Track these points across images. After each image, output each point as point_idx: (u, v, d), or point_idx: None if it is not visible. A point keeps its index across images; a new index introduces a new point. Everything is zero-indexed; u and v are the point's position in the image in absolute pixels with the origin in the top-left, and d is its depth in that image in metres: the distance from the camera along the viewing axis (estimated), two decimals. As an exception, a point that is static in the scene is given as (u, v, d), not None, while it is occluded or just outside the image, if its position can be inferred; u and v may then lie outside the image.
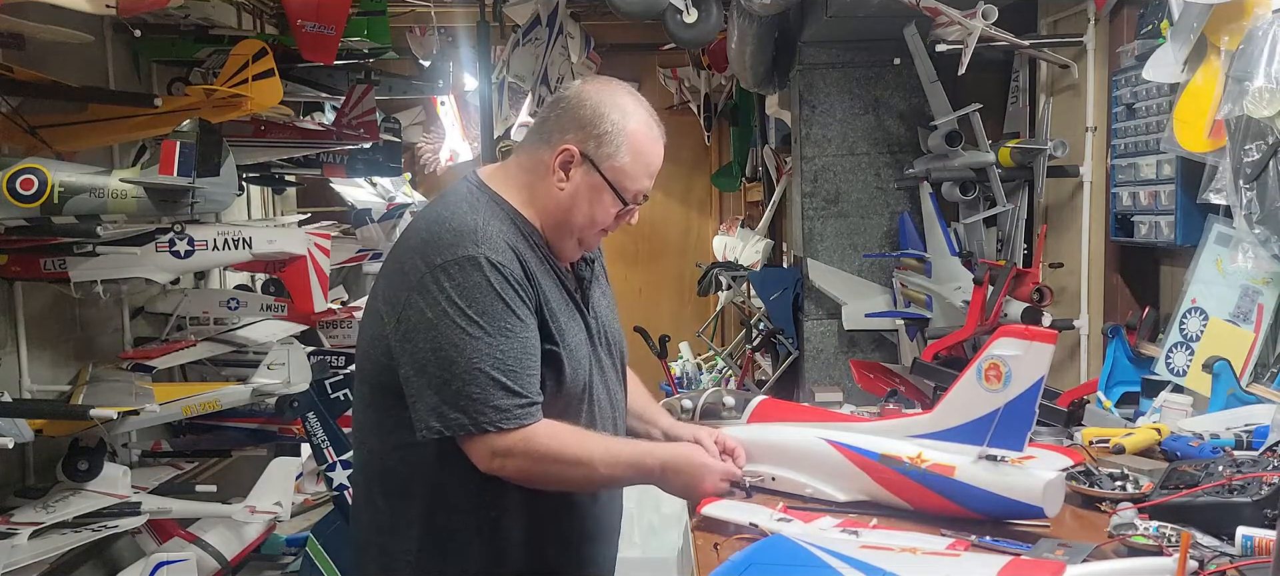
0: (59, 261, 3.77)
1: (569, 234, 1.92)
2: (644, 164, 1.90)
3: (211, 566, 4.04)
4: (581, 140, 1.86)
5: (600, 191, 1.88)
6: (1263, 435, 2.16)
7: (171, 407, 4.03)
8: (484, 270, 1.74)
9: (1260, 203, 2.42)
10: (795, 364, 5.06)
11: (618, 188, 1.88)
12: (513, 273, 1.77)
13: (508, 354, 1.73)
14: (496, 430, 1.72)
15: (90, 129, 3.83)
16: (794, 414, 2.27)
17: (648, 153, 1.91)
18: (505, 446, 1.73)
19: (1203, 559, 1.56)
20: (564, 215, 1.90)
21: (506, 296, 1.75)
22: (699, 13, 4.40)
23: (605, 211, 1.90)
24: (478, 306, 1.73)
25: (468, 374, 1.71)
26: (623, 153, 1.87)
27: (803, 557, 1.59)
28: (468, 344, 1.71)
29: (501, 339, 1.73)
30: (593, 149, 1.86)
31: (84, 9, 2.99)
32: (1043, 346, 1.78)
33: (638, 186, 1.91)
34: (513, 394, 1.73)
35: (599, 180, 1.87)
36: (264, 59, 3.88)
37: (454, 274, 1.74)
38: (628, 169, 1.88)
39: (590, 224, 1.90)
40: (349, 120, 5.05)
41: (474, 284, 1.73)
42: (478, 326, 1.72)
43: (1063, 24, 3.91)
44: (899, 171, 4.65)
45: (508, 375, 1.73)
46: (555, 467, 1.78)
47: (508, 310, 1.75)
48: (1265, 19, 2.43)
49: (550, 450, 1.77)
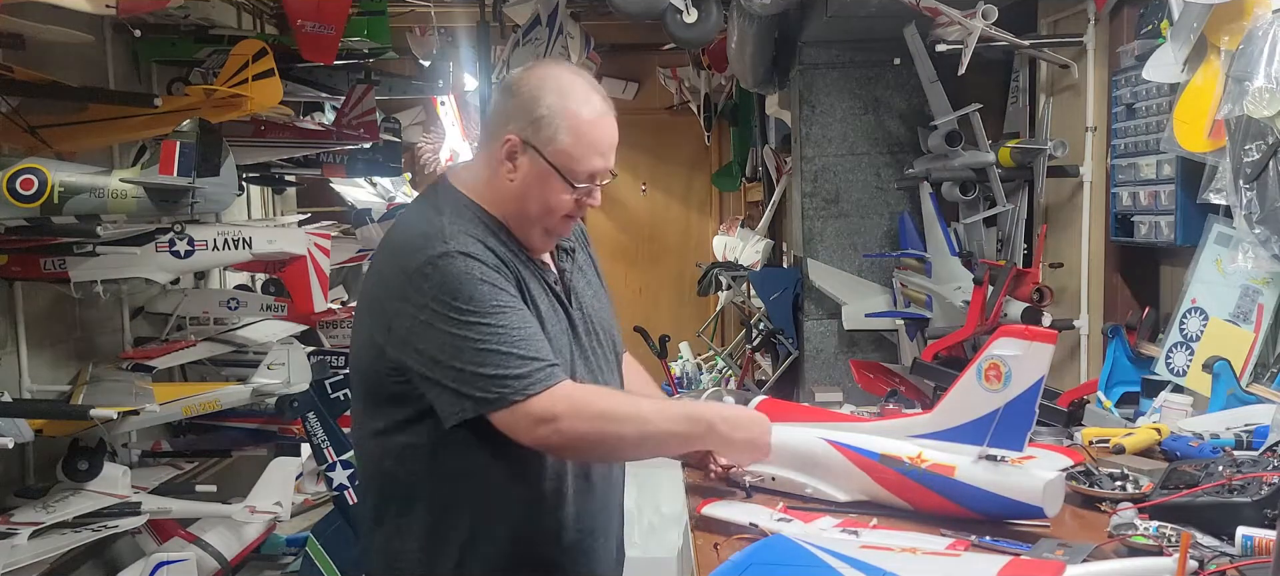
0: (59, 261, 3.77)
1: (530, 225, 1.87)
2: (588, 143, 1.82)
3: (211, 566, 4.03)
4: (521, 128, 1.81)
5: (547, 178, 1.82)
6: (1263, 435, 2.16)
7: (171, 407, 4.03)
8: (458, 263, 1.73)
9: (1260, 202, 2.42)
10: (795, 364, 5.06)
11: (564, 172, 1.82)
12: (486, 259, 1.77)
13: (510, 327, 1.72)
14: (525, 397, 1.70)
15: (90, 129, 3.83)
16: (794, 414, 2.26)
17: (590, 132, 1.83)
18: (542, 410, 1.70)
19: (1203, 559, 1.56)
20: (519, 206, 1.85)
21: (489, 279, 1.74)
22: (699, 13, 4.40)
23: (558, 198, 1.83)
24: (464, 296, 1.72)
25: (477, 357, 1.70)
26: (563, 134, 1.80)
27: (803, 557, 1.59)
28: (467, 331, 1.70)
29: (497, 316, 1.72)
30: (532, 135, 1.81)
31: (84, 9, 2.99)
32: (1043, 346, 1.78)
33: (586, 167, 1.83)
34: (529, 360, 1.71)
35: (544, 166, 1.81)
36: (264, 59, 3.88)
37: (431, 274, 1.73)
38: (571, 151, 1.81)
39: (547, 212, 1.85)
40: (349, 120, 5.05)
41: (454, 277, 1.73)
42: (471, 313, 1.71)
43: (1063, 24, 3.91)
44: (899, 171, 4.65)
45: (517, 345, 1.71)
46: (606, 425, 1.77)
47: (495, 290, 1.74)
48: (1265, 19, 2.43)
49: (595, 406, 1.76)
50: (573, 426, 1.72)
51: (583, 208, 1.88)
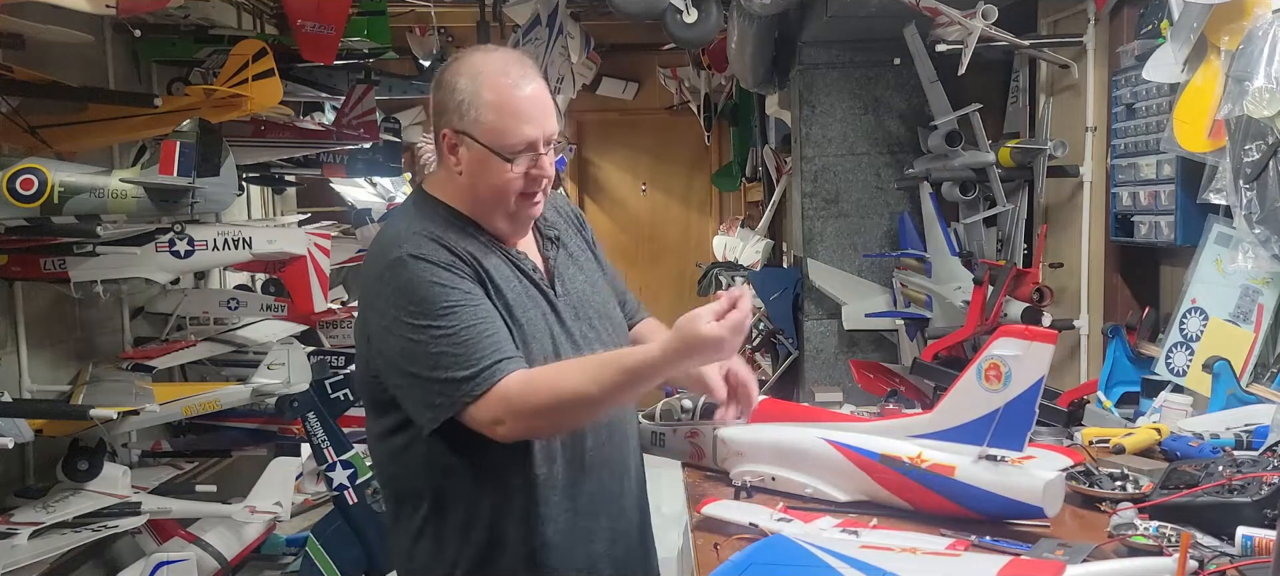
0: (59, 261, 3.77)
1: (491, 212, 1.89)
2: (511, 113, 1.81)
3: (211, 566, 4.03)
4: (450, 119, 1.84)
5: (485, 161, 1.84)
6: (1263, 435, 2.16)
7: (171, 407, 4.03)
8: (409, 267, 1.77)
9: (1260, 202, 2.42)
10: (795, 364, 5.06)
11: (496, 149, 1.82)
12: (438, 258, 1.79)
13: (458, 328, 1.74)
14: (473, 398, 1.72)
15: (90, 129, 3.83)
16: (794, 414, 2.27)
17: (511, 103, 1.82)
18: (487, 414, 1.72)
19: (1203, 559, 1.56)
20: (474, 196, 1.88)
21: (439, 279, 1.77)
22: (699, 13, 4.40)
23: (502, 177, 1.84)
24: (415, 299, 1.76)
25: (429, 360, 1.74)
26: (485, 113, 1.81)
27: (803, 558, 1.59)
28: (419, 336, 1.74)
29: (447, 318, 1.74)
30: (459, 123, 1.83)
31: (84, 9, 2.99)
32: (1043, 346, 1.78)
33: (516, 138, 1.82)
34: (474, 361, 1.72)
35: (479, 150, 1.83)
36: (264, 59, 3.87)
37: (389, 279, 1.79)
38: (496, 125, 1.81)
39: (498, 195, 1.86)
40: (349, 120, 5.05)
41: (406, 281, 1.77)
42: (421, 316, 1.75)
43: (1063, 24, 3.91)
44: (899, 171, 4.65)
45: (464, 346, 1.73)
46: (550, 415, 1.76)
47: (444, 291, 1.76)
48: (1265, 19, 2.43)
49: (534, 399, 1.73)
50: (517, 425, 1.74)
51: (535, 182, 1.86)
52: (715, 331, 1.65)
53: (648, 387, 1.77)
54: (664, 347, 1.69)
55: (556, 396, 1.73)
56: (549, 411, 1.74)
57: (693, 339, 1.66)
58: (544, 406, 1.73)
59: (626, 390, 1.75)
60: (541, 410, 1.73)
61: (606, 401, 1.75)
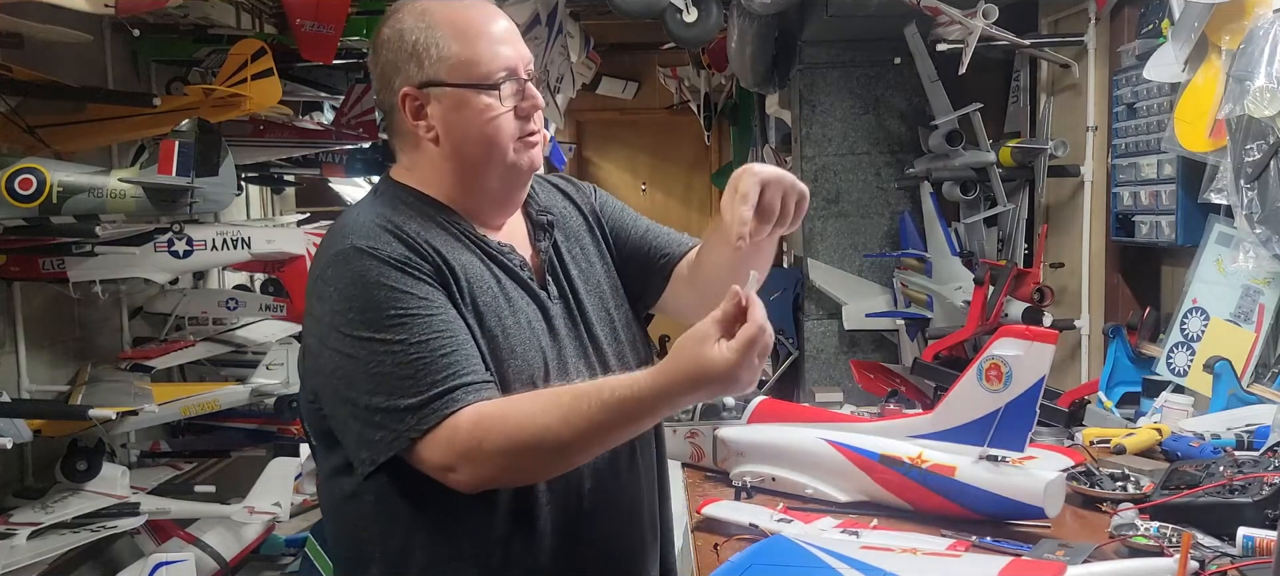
0: (58, 261, 3.76)
1: (484, 176, 1.54)
2: (478, 33, 1.50)
3: (210, 567, 4.02)
4: (407, 75, 1.51)
5: (466, 101, 1.49)
6: (1264, 435, 2.15)
7: (170, 408, 4.02)
8: (353, 262, 1.42)
9: (1261, 202, 2.41)
10: (795, 364, 5.06)
11: (474, 81, 1.49)
12: (390, 252, 1.43)
13: (404, 345, 1.38)
14: (419, 435, 1.36)
15: (89, 129, 3.82)
16: (794, 414, 2.26)
17: (473, 23, 1.51)
18: (438, 455, 1.36)
19: (1204, 559, 1.56)
20: (460, 161, 1.53)
21: (388, 280, 1.41)
22: (699, 12, 4.39)
23: (491, 116, 1.50)
24: (357, 304, 1.41)
25: (368, 383, 1.38)
26: (448, 44, 1.49)
27: (803, 558, 1.58)
28: (358, 350, 1.39)
29: (392, 331, 1.38)
30: (419, 72, 1.50)
31: (83, 8, 2.98)
32: (1043, 346, 1.78)
33: (493, 62, 1.50)
34: (418, 389, 1.36)
35: (454, 93, 1.49)
36: (263, 58, 3.87)
37: (330, 279, 1.44)
38: (465, 55, 1.49)
39: (491, 143, 1.51)
40: (348, 120, 5.04)
41: (348, 281, 1.42)
42: (364, 327, 1.39)
43: (1063, 23, 3.90)
44: (899, 171, 4.65)
45: (409, 367, 1.37)
46: (509, 464, 1.37)
47: (393, 295, 1.40)
48: (1266, 19, 2.43)
49: (487, 442, 1.35)
50: (472, 472, 1.37)
51: (530, 115, 1.53)
52: (726, 359, 1.26)
53: (640, 428, 1.40)
54: (657, 380, 1.30)
55: (515, 439, 1.35)
56: (507, 456, 1.35)
57: (696, 370, 1.27)
58: (500, 450, 1.35)
59: (609, 432, 1.35)
60: (497, 455, 1.35)
61: (582, 446, 1.36)
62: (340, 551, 1.58)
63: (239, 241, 3.95)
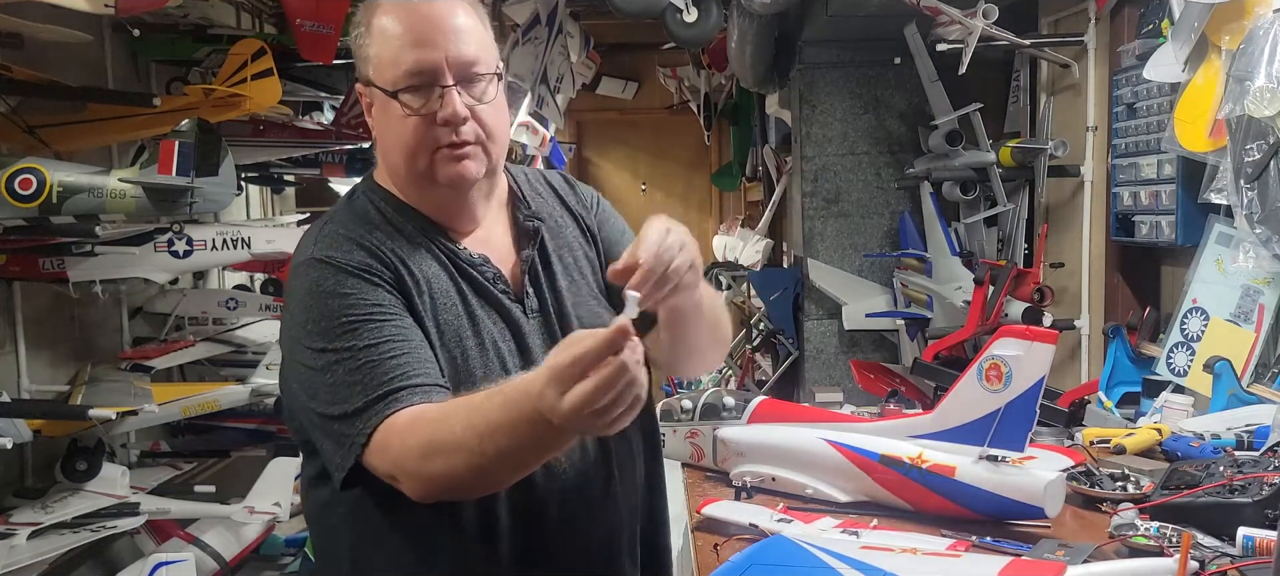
0: (57, 261, 3.76)
1: (415, 182, 1.47)
2: (394, 34, 1.42)
3: (210, 567, 4.02)
4: (358, 74, 1.49)
5: (385, 105, 1.44)
6: (1264, 435, 2.15)
7: (170, 408, 4.02)
8: (313, 272, 1.40)
9: (1261, 202, 2.41)
10: (795, 364, 5.06)
11: (383, 84, 1.42)
12: (349, 261, 1.40)
13: (354, 350, 1.34)
14: (365, 440, 1.30)
15: (89, 129, 3.82)
16: (794, 414, 2.26)
17: (396, 22, 1.42)
18: (380, 461, 1.30)
19: (1204, 559, 1.56)
20: (390, 161, 1.49)
21: (345, 289, 1.38)
22: (699, 12, 4.39)
23: (401, 126, 1.42)
24: (315, 315, 1.38)
25: (327, 393, 1.34)
26: (371, 44, 1.44)
27: (803, 558, 1.58)
28: (317, 360, 1.36)
29: (344, 338, 1.35)
30: (361, 71, 1.48)
31: (83, 8, 2.98)
32: (1043, 346, 1.78)
33: (398, 67, 1.40)
34: (364, 392, 1.32)
35: (378, 95, 1.44)
36: (263, 58, 3.86)
37: (292, 291, 1.44)
38: (382, 55, 1.43)
39: (407, 153, 1.43)
40: (348, 120, 5.04)
41: (307, 291, 1.40)
42: (321, 337, 1.36)
43: (1063, 23, 3.90)
44: (899, 171, 4.65)
45: (358, 372, 1.32)
46: (429, 465, 1.25)
47: (348, 303, 1.36)
48: (1266, 19, 2.43)
49: (411, 445, 1.27)
50: (408, 482, 1.28)
51: (446, 127, 1.41)
52: (555, 408, 1.09)
53: (541, 433, 1.15)
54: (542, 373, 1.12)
55: (430, 444, 1.24)
56: (426, 461, 1.24)
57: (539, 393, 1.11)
58: (418, 453, 1.25)
59: (512, 435, 1.17)
60: (419, 459, 1.25)
61: (490, 452, 1.19)
62: (319, 559, 1.57)
63: (239, 241, 3.95)
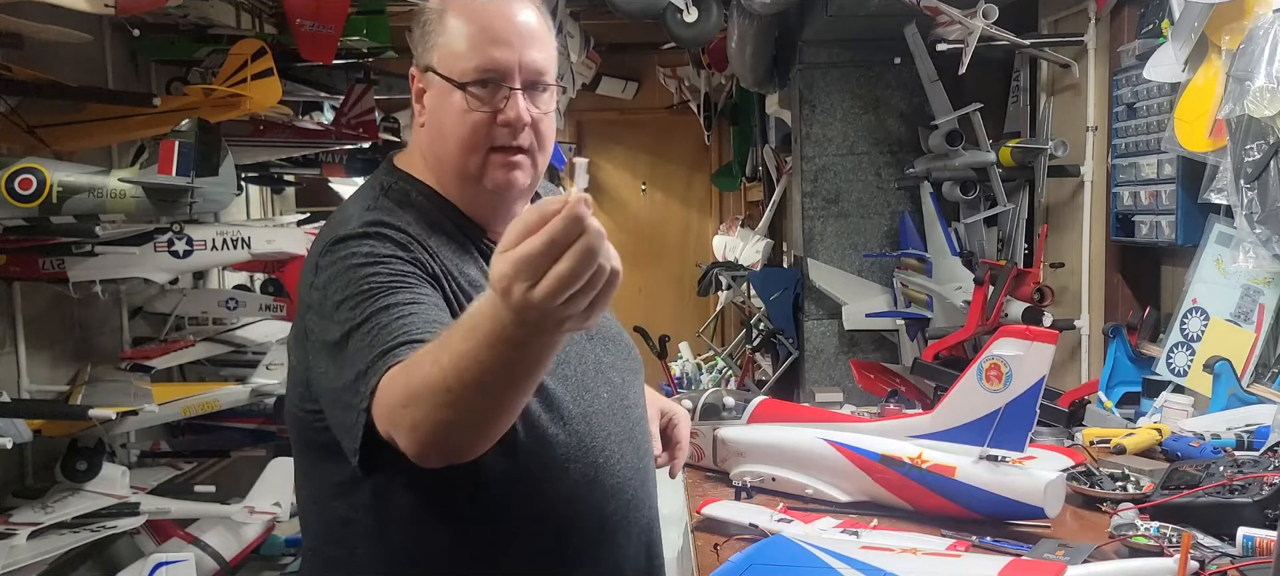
0: (57, 261, 3.76)
1: (462, 177, 1.43)
2: (475, 30, 1.39)
3: (210, 567, 4.02)
4: (416, 56, 1.45)
5: (444, 97, 1.40)
6: (1264, 435, 2.15)
7: (170, 408, 4.02)
8: (348, 246, 1.33)
9: (1261, 202, 2.41)
10: (795, 364, 5.06)
11: (449, 74, 1.39)
12: (392, 232, 1.34)
13: (372, 317, 1.25)
14: (369, 400, 1.20)
15: (89, 128, 3.82)
16: (794, 414, 2.26)
17: (476, 15, 1.39)
18: (381, 422, 1.19)
19: (1204, 559, 1.56)
20: (437, 153, 1.44)
21: (377, 255, 1.31)
22: (699, 12, 4.39)
23: (461, 119, 1.39)
24: (339, 285, 1.30)
25: (348, 362, 1.24)
26: (445, 32, 1.40)
27: (803, 558, 1.58)
28: (338, 332, 1.27)
29: (367, 303, 1.26)
30: (423, 55, 1.43)
31: (82, 8, 2.98)
32: (1043, 346, 1.78)
33: (476, 60, 1.38)
34: (372, 351, 1.22)
35: (438, 83, 1.41)
36: (263, 58, 3.87)
37: (325, 266, 1.34)
38: (453, 45, 1.39)
39: (461, 147, 1.40)
40: (348, 120, 5.05)
41: (339, 266, 1.32)
42: (345, 305, 1.28)
43: (1063, 23, 3.90)
44: (899, 171, 4.65)
45: (369, 335, 1.24)
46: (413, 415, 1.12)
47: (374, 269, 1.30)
48: (1266, 18, 2.43)
49: (395, 393, 1.16)
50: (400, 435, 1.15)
51: (510, 130, 1.39)
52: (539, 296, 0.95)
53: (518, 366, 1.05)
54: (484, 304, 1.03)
55: (407, 390, 1.13)
56: (406, 409, 1.13)
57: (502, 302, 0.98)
58: (400, 401, 1.14)
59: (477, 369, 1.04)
60: (402, 408, 1.14)
61: (461, 391, 1.06)
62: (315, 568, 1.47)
63: (239, 241, 3.95)
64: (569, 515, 1.41)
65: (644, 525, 1.55)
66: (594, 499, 1.43)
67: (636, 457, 1.52)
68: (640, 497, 1.52)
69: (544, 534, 1.40)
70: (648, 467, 1.57)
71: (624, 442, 1.49)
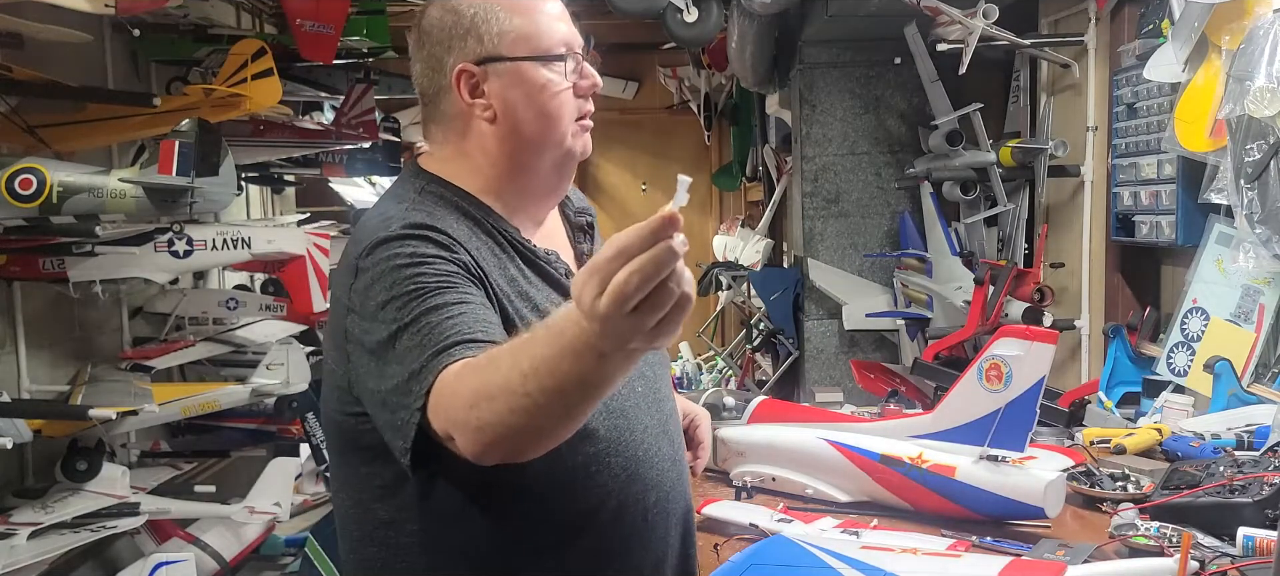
0: (58, 261, 3.76)
1: (542, 156, 1.46)
2: (534, 8, 1.46)
3: (211, 567, 4.02)
4: (462, 53, 1.44)
5: (526, 76, 1.43)
6: (1264, 435, 2.16)
7: (170, 408, 4.01)
8: (392, 247, 1.32)
9: (1261, 202, 2.41)
10: (795, 364, 5.05)
11: (536, 53, 1.44)
12: (433, 237, 1.34)
13: (420, 318, 1.25)
14: (422, 401, 1.20)
15: (89, 128, 3.82)
16: (794, 414, 2.26)
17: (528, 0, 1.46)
18: (439, 422, 1.19)
19: (1204, 559, 1.56)
20: (518, 139, 1.45)
21: (422, 254, 1.31)
22: (699, 12, 4.39)
23: (553, 96, 1.44)
24: (385, 285, 1.30)
25: (396, 364, 1.24)
26: (507, 18, 1.44)
27: (803, 558, 1.58)
28: (384, 332, 1.27)
29: (413, 304, 1.27)
30: (479, 49, 1.44)
31: (83, 8, 2.98)
32: (1044, 346, 1.78)
33: (554, 35, 1.45)
34: (425, 350, 1.22)
35: (514, 66, 1.43)
36: (263, 58, 3.86)
37: (367, 268, 1.33)
38: (526, 28, 1.44)
39: (552, 121, 1.45)
40: (348, 120, 5.04)
41: (385, 266, 1.31)
42: (391, 306, 1.28)
43: (1064, 23, 3.90)
44: (899, 171, 4.65)
45: (419, 334, 1.24)
46: (476, 414, 1.13)
47: (419, 269, 1.30)
48: (1266, 18, 2.43)
49: (460, 394, 1.16)
50: (461, 437, 1.16)
51: (587, 95, 1.49)
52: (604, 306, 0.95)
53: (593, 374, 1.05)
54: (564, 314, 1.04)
55: (477, 391, 1.13)
56: (473, 409, 1.13)
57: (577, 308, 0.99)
58: (466, 401, 1.14)
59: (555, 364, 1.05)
60: (467, 408, 1.14)
61: (537, 397, 1.08)
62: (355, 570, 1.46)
63: (239, 241, 3.95)
64: (615, 509, 1.42)
65: (681, 514, 1.55)
66: (635, 491, 1.44)
67: (672, 448, 1.53)
68: (678, 488, 1.54)
69: (589, 530, 1.41)
70: (682, 458, 1.59)
71: (660, 435, 1.50)
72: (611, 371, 1.06)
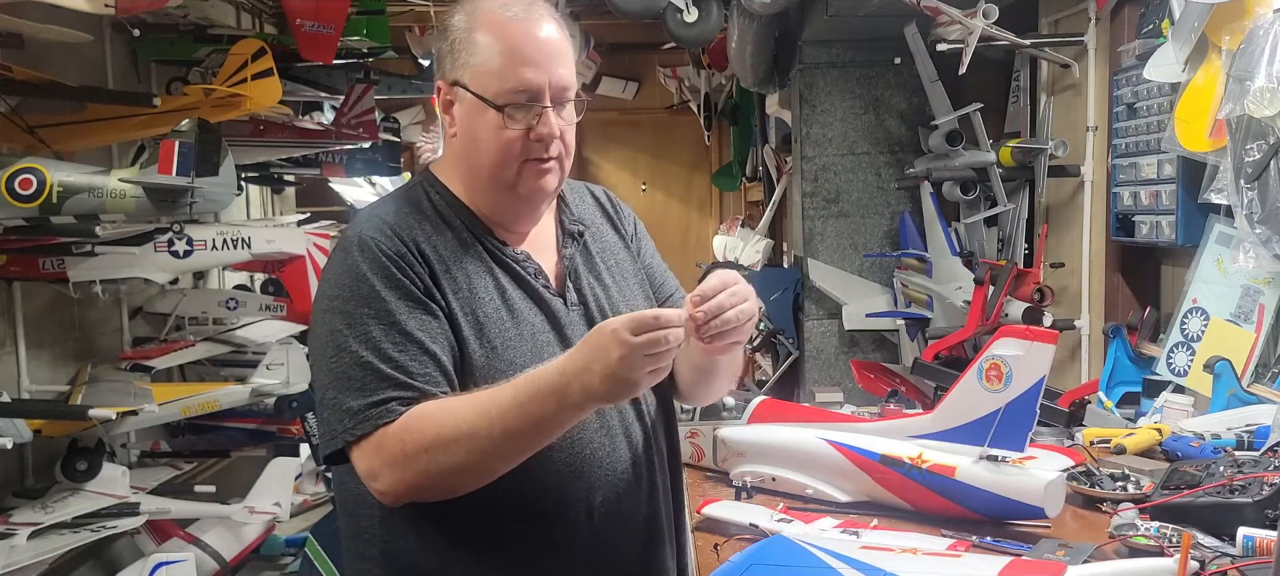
0: (58, 261, 3.76)
1: (490, 187, 1.52)
2: (508, 50, 1.45)
3: (210, 567, 4.03)
4: (443, 70, 1.51)
5: (477, 113, 1.47)
6: (1264, 435, 2.15)
7: (170, 408, 4.02)
8: (352, 255, 1.44)
9: (1261, 202, 2.41)
10: (795, 364, 5.05)
11: (484, 94, 1.45)
12: (386, 249, 1.44)
13: (367, 346, 1.39)
14: (354, 439, 1.37)
15: (89, 128, 3.82)
16: (794, 414, 2.26)
17: (507, 36, 1.45)
18: (363, 461, 1.38)
19: (1204, 559, 1.56)
20: (470, 166, 1.52)
21: (374, 276, 1.42)
22: (699, 12, 4.39)
23: (496, 135, 1.46)
24: (342, 296, 1.43)
25: (332, 377, 1.41)
26: (479, 51, 1.46)
27: (803, 558, 1.58)
28: (332, 341, 1.42)
29: (361, 329, 1.40)
30: (452, 70, 1.49)
31: (83, 8, 2.99)
32: (1043, 346, 1.78)
33: (511, 81, 1.44)
34: (366, 392, 1.38)
35: (471, 99, 1.47)
36: (263, 58, 3.87)
37: (330, 265, 1.49)
38: (488, 65, 1.45)
39: (495, 161, 1.48)
40: (348, 120, 5.05)
41: (341, 270, 1.45)
42: (340, 318, 1.42)
43: (1064, 23, 3.90)
44: (899, 171, 4.65)
45: (364, 370, 1.38)
46: (428, 459, 1.34)
47: (372, 293, 1.41)
48: (1266, 18, 2.42)
49: (408, 442, 1.35)
50: (390, 477, 1.36)
51: (542, 144, 1.48)
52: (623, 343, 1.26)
53: (551, 414, 1.32)
54: (563, 361, 1.31)
55: (436, 436, 1.33)
56: (426, 455, 1.33)
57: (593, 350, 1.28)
58: (419, 448, 1.34)
59: (524, 416, 1.32)
60: (418, 454, 1.34)
61: (498, 434, 1.32)
62: (348, 541, 1.58)
63: (239, 241, 3.95)
64: (555, 504, 1.48)
65: (642, 520, 1.59)
66: (579, 489, 1.49)
67: (633, 451, 1.57)
68: (635, 493, 1.57)
69: (533, 523, 1.48)
70: (655, 467, 1.61)
71: (617, 436, 1.54)
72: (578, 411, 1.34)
